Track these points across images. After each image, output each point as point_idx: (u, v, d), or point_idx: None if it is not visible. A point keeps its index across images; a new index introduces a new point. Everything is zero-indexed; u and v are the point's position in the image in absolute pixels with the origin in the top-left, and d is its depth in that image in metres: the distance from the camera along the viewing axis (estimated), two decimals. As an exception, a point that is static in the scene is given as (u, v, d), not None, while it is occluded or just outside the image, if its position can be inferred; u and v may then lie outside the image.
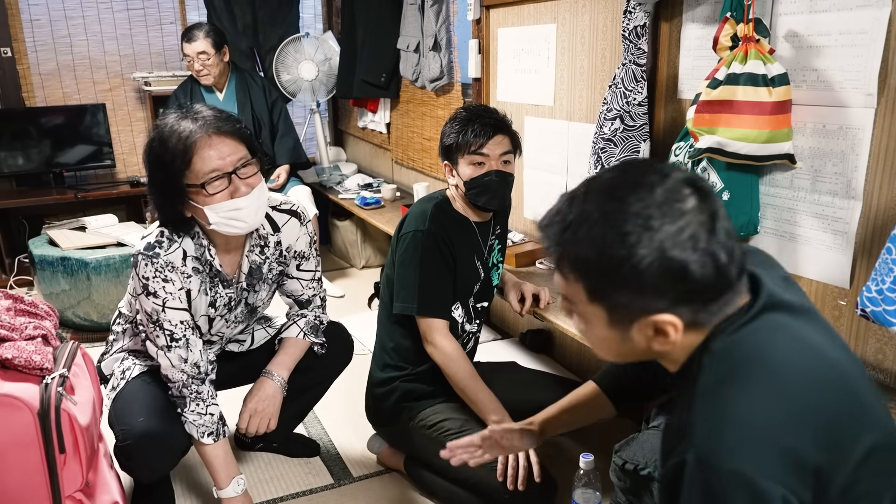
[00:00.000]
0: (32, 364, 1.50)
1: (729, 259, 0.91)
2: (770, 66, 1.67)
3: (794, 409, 0.87)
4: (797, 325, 0.95)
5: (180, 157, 1.62)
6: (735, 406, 0.88)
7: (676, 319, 0.92)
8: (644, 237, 0.88)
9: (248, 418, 1.93)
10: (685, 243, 0.88)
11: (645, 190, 0.91)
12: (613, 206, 0.91)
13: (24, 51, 4.16)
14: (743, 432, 0.86)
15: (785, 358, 0.91)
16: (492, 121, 1.95)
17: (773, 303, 0.96)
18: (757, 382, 0.89)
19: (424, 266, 1.95)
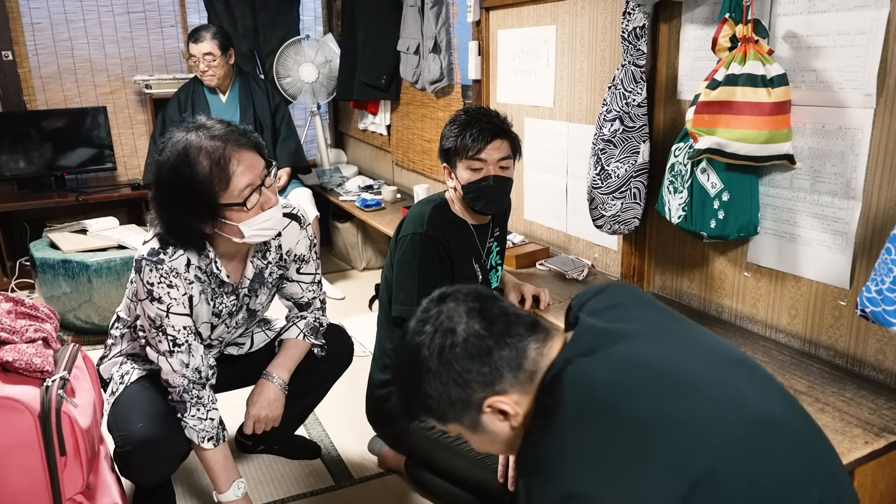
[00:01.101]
0: (33, 367, 1.50)
1: (498, 337, 1.03)
2: (769, 66, 1.67)
3: (615, 424, 0.92)
4: (613, 349, 1.01)
5: (217, 177, 1.60)
6: (562, 434, 0.95)
7: (501, 397, 1.03)
8: (420, 361, 1.04)
9: (252, 424, 1.93)
10: (447, 348, 1.03)
11: (417, 327, 1.08)
12: (405, 354, 1.09)
13: (25, 54, 4.17)
14: (571, 455, 0.93)
15: (600, 378, 0.97)
16: (490, 126, 1.94)
17: (588, 334, 1.05)
18: (578, 407, 0.96)
19: (423, 268, 1.95)
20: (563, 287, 2.36)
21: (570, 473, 0.91)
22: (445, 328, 1.04)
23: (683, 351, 1.02)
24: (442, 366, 1.03)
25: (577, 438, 0.93)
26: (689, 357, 1.01)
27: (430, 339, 1.04)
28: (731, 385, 0.97)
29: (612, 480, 0.88)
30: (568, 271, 2.46)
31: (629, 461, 0.89)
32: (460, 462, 1.91)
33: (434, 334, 1.05)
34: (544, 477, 0.93)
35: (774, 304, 1.93)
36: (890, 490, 1.53)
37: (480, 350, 1.03)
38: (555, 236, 2.79)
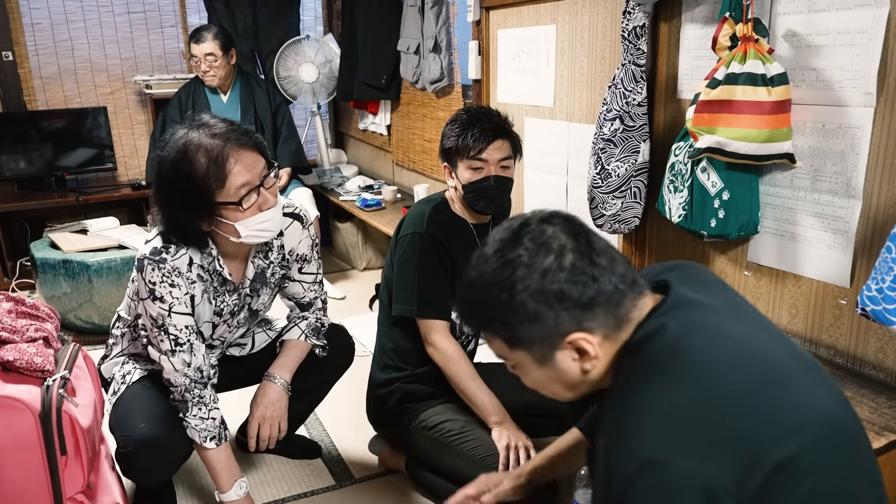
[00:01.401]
0: (34, 366, 1.50)
1: (602, 270, 0.99)
2: (769, 65, 1.67)
3: (709, 394, 0.90)
4: (711, 318, 1.00)
5: (214, 175, 1.60)
6: (649, 394, 0.92)
7: (586, 335, 0.99)
8: (518, 275, 0.98)
9: (257, 426, 1.92)
10: (552, 268, 0.97)
11: (512, 240, 1.02)
12: (490, 265, 1.02)
13: (26, 54, 4.17)
14: (655, 417, 0.90)
15: (697, 347, 0.95)
16: (492, 126, 1.93)
17: (682, 301, 1.02)
18: (671, 371, 0.93)
19: (423, 267, 1.95)
20: (563, 286, 2.36)
21: (655, 440, 0.88)
22: (552, 247, 0.99)
23: (767, 338, 1.01)
24: (542, 285, 0.97)
25: (666, 405, 0.90)
26: (774, 346, 1.00)
27: (531, 255, 0.98)
28: (814, 385, 0.97)
29: (696, 452, 0.86)
30: (568, 271, 2.46)
31: (718, 437, 0.87)
32: (461, 461, 1.91)
33: (538, 251, 0.99)
34: (627, 439, 0.90)
35: (775, 303, 1.93)
36: (890, 489, 1.53)
37: (584, 280, 0.98)
38: (555, 236, 2.78)
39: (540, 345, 1.01)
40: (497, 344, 1.06)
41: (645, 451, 0.87)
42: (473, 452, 1.90)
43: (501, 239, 1.03)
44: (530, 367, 1.05)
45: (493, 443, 1.88)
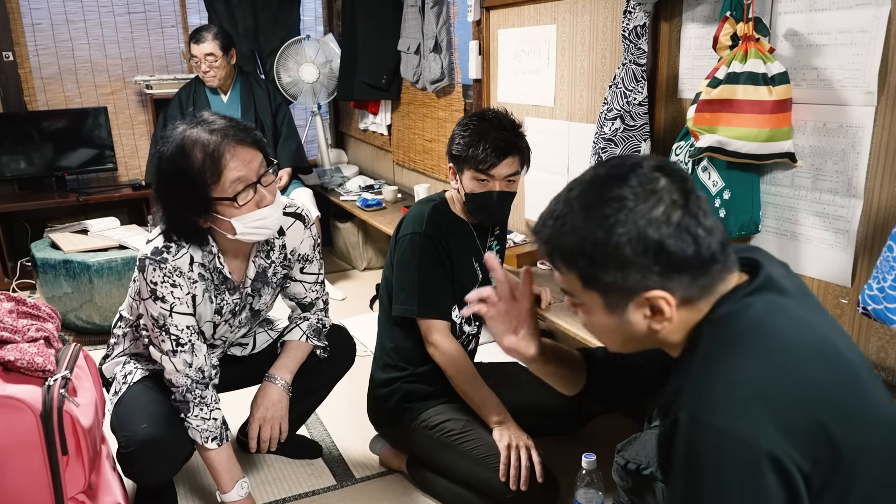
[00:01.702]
0: (35, 366, 1.50)
1: (706, 233, 0.95)
2: (770, 64, 1.67)
3: (793, 378, 0.90)
4: (794, 306, 0.98)
5: (209, 170, 1.60)
6: (732, 369, 0.91)
7: (667, 294, 0.96)
8: (620, 217, 0.94)
9: (257, 428, 1.92)
10: (658, 220, 0.93)
11: (621, 179, 0.97)
12: (592, 196, 0.98)
13: (26, 55, 4.17)
14: (738, 393, 0.89)
15: (784, 331, 0.94)
16: (504, 142, 1.88)
17: (771, 284, 0.99)
18: (756, 349, 0.92)
19: (423, 267, 1.95)
20: (564, 286, 2.36)
21: (741, 418, 0.87)
22: (662, 198, 0.94)
23: (838, 335, 1.00)
24: (644, 233, 0.93)
25: (753, 384, 0.89)
26: (845, 344, 0.98)
27: (637, 199, 0.94)
28: (880, 389, 0.97)
29: (779, 434, 0.86)
30: (569, 270, 2.46)
31: (798, 423, 0.87)
32: (462, 461, 1.92)
33: (646, 197, 0.94)
34: (714, 415, 0.88)
35: (776, 302, 1.93)
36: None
37: (687, 239, 0.94)
38: (556, 235, 2.78)
39: (617, 293, 0.98)
40: (570, 279, 1.01)
41: (730, 428, 0.86)
42: (474, 452, 1.90)
43: (607, 174, 0.99)
44: (596, 311, 1.02)
45: (495, 442, 1.88)
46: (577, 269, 0.99)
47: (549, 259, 1.03)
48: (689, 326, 1.00)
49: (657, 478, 1.46)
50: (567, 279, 1.02)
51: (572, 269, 1.00)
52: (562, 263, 1.01)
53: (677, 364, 1.04)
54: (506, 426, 1.90)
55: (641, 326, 1.00)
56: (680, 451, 0.91)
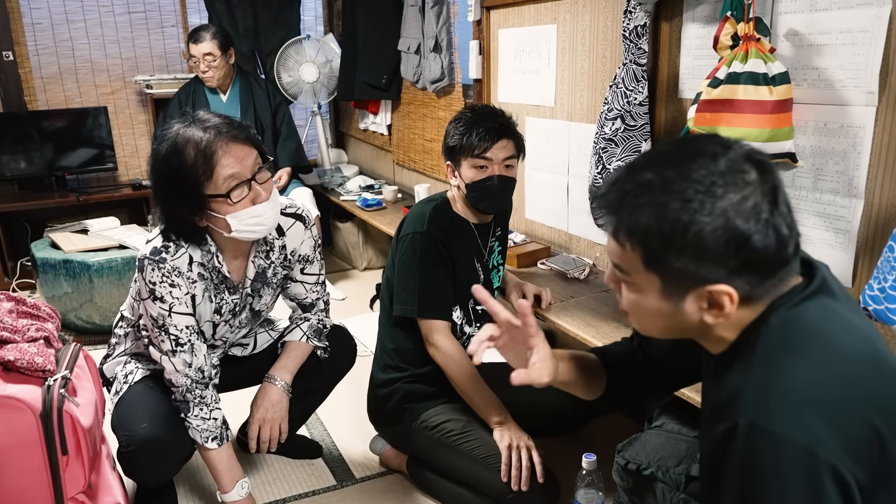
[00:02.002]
0: (35, 366, 1.50)
1: (789, 233, 0.91)
2: (771, 64, 1.67)
3: (850, 387, 0.87)
4: (845, 311, 0.96)
5: (202, 168, 1.61)
6: (793, 376, 0.88)
7: (733, 291, 0.91)
8: (707, 204, 0.88)
9: (257, 428, 1.92)
10: (748, 213, 0.88)
11: (707, 158, 0.90)
12: (675, 173, 0.90)
13: (26, 54, 4.17)
14: (799, 402, 0.86)
15: (840, 338, 0.91)
16: (497, 125, 1.93)
17: (825, 287, 0.96)
18: (814, 356, 0.89)
19: (424, 267, 1.95)
20: (564, 286, 2.36)
21: (803, 427, 0.84)
22: (756, 188, 0.89)
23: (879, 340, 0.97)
24: (732, 223, 0.87)
25: (815, 392, 0.86)
26: (886, 350, 0.96)
27: (730, 187, 0.88)
28: None
29: (840, 444, 0.83)
30: (569, 270, 2.46)
31: (857, 434, 0.85)
32: (462, 461, 1.91)
33: (739, 185, 0.88)
34: (775, 423, 0.85)
35: (776, 302, 1.93)
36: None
37: (771, 236, 0.89)
38: (556, 235, 2.79)
39: (681, 280, 0.92)
40: (630, 256, 0.95)
41: (791, 436, 0.84)
42: (475, 452, 1.90)
43: (693, 152, 0.92)
44: (649, 294, 0.96)
45: (495, 443, 1.88)
46: (643, 248, 0.92)
47: (612, 231, 0.96)
48: (743, 325, 0.96)
49: (657, 478, 1.46)
50: (626, 256, 0.95)
51: (638, 246, 0.93)
52: (627, 239, 0.94)
53: (721, 363, 1.00)
54: (506, 426, 1.90)
55: (694, 318, 0.95)
56: (737, 458, 0.88)
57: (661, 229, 0.90)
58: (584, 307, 2.16)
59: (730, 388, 0.94)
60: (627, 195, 0.93)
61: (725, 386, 0.96)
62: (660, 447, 1.51)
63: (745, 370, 0.93)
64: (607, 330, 1.98)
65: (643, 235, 0.92)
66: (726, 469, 0.89)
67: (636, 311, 1.01)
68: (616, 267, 1.00)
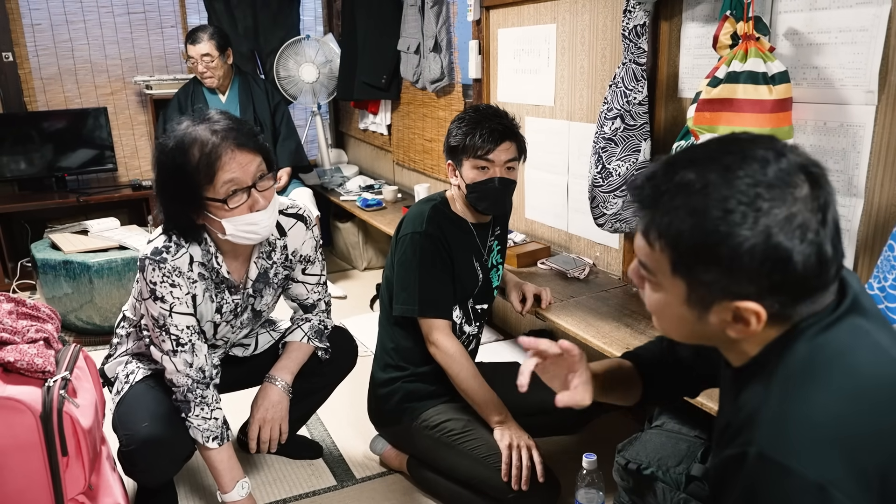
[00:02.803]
0: (34, 367, 1.50)
1: (834, 254, 0.85)
2: (770, 63, 1.67)
3: (871, 420, 0.83)
4: (877, 333, 0.90)
5: (203, 171, 1.61)
6: (812, 407, 0.83)
7: (762, 309, 0.86)
8: (749, 217, 0.82)
9: (257, 429, 1.92)
10: (793, 231, 0.82)
11: (756, 165, 0.84)
12: (719, 178, 0.84)
13: (26, 55, 4.17)
14: (815, 436, 0.82)
15: (866, 367, 0.86)
16: (500, 127, 1.92)
17: (858, 306, 0.91)
18: (837, 387, 0.85)
19: (423, 267, 1.95)
20: (564, 286, 2.36)
21: (816, 462, 0.80)
22: (804, 207, 0.82)
23: None
24: (776, 241, 0.81)
25: (834, 426, 0.82)
26: None
27: (777, 201, 0.82)
28: None
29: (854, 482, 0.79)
30: (569, 270, 2.46)
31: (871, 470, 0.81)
32: (463, 461, 1.91)
33: (787, 200, 0.82)
34: (788, 456, 0.80)
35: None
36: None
37: (816, 259, 0.83)
38: (556, 235, 2.79)
39: (708, 291, 0.87)
40: (658, 258, 0.90)
41: (805, 472, 0.80)
42: (475, 452, 1.90)
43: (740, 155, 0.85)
44: (673, 299, 0.92)
45: (495, 442, 1.88)
46: (673, 252, 0.87)
47: (643, 229, 0.91)
48: (768, 341, 0.92)
49: (658, 478, 1.45)
50: (654, 256, 0.90)
51: (668, 249, 0.88)
52: (657, 240, 0.88)
53: (739, 378, 0.96)
54: (507, 426, 1.90)
55: (715, 330, 0.91)
56: (741, 488, 0.84)
57: (695, 237, 0.84)
58: (584, 307, 2.16)
59: (745, 411, 0.90)
60: (664, 194, 0.87)
61: (741, 407, 0.92)
62: (660, 447, 1.51)
63: (764, 393, 0.88)
64: (607, 329, 1.98)
65: (675, 240, 0.87)
66: (728, 496, 0.86)
67: (658, 312, 0.98)
68: (642, 265, 0.95)
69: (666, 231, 0.87)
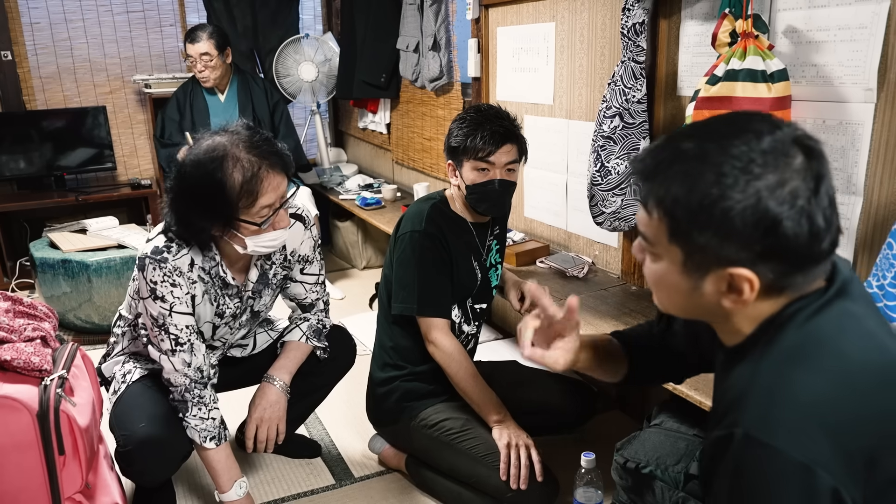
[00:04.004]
0: (31, 365, 1.49)
1: (826, 226, 0.86)
2: (769, 61, 1.66)
3: (858, 404, 0.84)
4: (866, 318, 0.92)
5: (246, 195, 1.61)
6: (799, 390, 0.85)
7: (755, 277, 0.88)
8: (741, 181, 0.85)
9: (255, 428, 1.92)
10: (783, 197, 0.84)
11: (751, 136, 0.87)
12: (715, 146, 0.87)
13: (25, 54, 4.17)
14: (802, 417, 0.83)
15: (854, 352, 0.88)
16: (502, 129, 1.90)
17: (846, 290, 0.93)
18: (825, 370, 0.86)
19: (422, 266, 1.95)
20: (563, 285, 2.36)
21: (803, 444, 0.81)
22: (799, 173, 0.85)
23: None
24: (764, 205, 0.84)
25: (820, 408, 0.83)
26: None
27: (770, 168, 0.84)
28: None
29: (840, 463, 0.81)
30: (568, 269, 2.45)
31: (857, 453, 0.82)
32: (461, 459, 1.91)
33: (780, 168, 0.84)
34: (774, 437, 0.82)
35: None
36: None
37: (805, 227, 0.85)
38: (555, 234, 2.78)
39: (703, 257, 0.90)
40: (656, 225, 0.93)
41: (792, 453, 0.81)
42: (474, 451, 1.89)
43: (737, 127, 0.88)
44: (670, 267, 0.94)
45: (494, 441, 1.88)
46: (670, 219, 0.90)
47: (643, 199, 0.94)
48: (761, 319, 0.93)
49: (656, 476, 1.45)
50: (653, 225, 0.93)
51: (665, 217, 0.90)
52: (655, 207, 0.92)
53: (731, 358, 0.97)
54: (505, 425, 1.89)
55: (711, 300, 0.92)
56: (728, 469, 0.86)
57: (690, 201, 0.87)
58: (583, 305, 2.16)
59: (733, 391, 0.92)
60: (662, 163, 0.91)
61: (730, 387, 0.94)
62: (659, 445, 1.50)
63: (752, 374, 0.90)
64: (606, 328, 1.97)
65: (671, 205, 0.89)
66: (716, 478, 0.88)
67: (657, 284, 0.99)
68: (642, 236, 0.97)
69: (663, 198, 0.90)
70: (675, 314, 1.03)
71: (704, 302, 0.94)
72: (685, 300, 0.97)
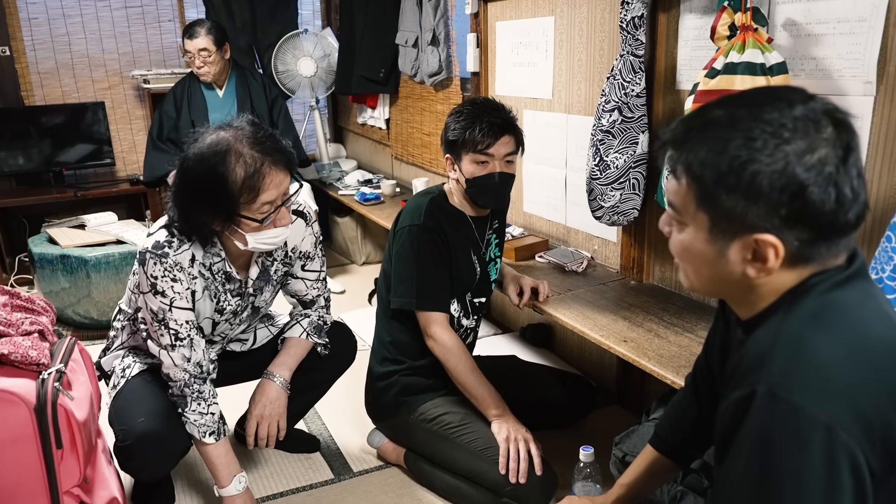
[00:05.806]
0: (29, 359, 1.49)
1: (853, 197, 0.87)
2: (768, 54, 1.66)
3: (876, 373, 0.85)
4: (883, 301, 0.94)
5: (247, 191, 1.61)
6: (822, 352, 0.86)
7: (780, 243, 0.88)
8: (770, 144, 0.86)
9: (255, 425, 1.92)
10: (812, 164, 0.85)
11: (784, 103, 0.88)
12: (746, 112, 0.89)
13: (23, 49, 4.16)
14: (826, 379, 0.84)
15: (874, 325, 0.89)
16: (499, 120, 1.91)
17: (864, 272, 0.94)
18: (846, 337, 0.87)
19: (421, 260, 1.94)
20: (562, 279, 2.36)
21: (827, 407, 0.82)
22: (828, 141, 0.85)
23: None
24: (791, 170, 0.84)
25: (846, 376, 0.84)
26: None
27: (799, 135, 0.85)
28: None
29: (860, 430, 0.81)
30: (567, 263, 2.45)
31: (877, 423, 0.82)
32: (460, 454, 1.91)
33: (809, 136, 0.85)
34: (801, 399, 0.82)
35: (774, 294, 1.92)
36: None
37: (832, 195, 0.85)
38: (554, 228, 2.78)
39: (729, 223, 0.90)
40: (685, 191, 0.93)
41: (814, 412, 0.82)
42: (473, 445, 1.89)
43: (770, 94, 0.90)
44: (696, 234, 0.95)
45: (493, 435, 1.88)
46: (698, 183, 0.91)
47: (672, 163, 0.95)
48: (780, 293, 0.94)
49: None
50: (681, 191, 0.94)
51: (693, 181, 0.91)
52: (684, 172, 0.92)
53: (750, 326, 0.98)
54: (504, 419, 1.89)
55: (736, 269, 0.93)
56: (751, 427, 0.86)
57: (718, 164, 0.88)
58: (582, 300, 2.15)
59: (752, 353, 0.92)
60: (693, 129, 0.92)
61: (748, 351, 0.94)
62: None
63: (775, 334, 0.91)
64: (605, 322, 1.97)
65: (700, 169, 0.90)
66: (737, 437, 0.88)
67: (682, 254, 0.99)
68: (670, 205, 0.98)
69: (692, 162, 0.91)
70: (698, 290, 1.03)
71: (729, 271, 0.94)
72: (710, 270, 0.96)
